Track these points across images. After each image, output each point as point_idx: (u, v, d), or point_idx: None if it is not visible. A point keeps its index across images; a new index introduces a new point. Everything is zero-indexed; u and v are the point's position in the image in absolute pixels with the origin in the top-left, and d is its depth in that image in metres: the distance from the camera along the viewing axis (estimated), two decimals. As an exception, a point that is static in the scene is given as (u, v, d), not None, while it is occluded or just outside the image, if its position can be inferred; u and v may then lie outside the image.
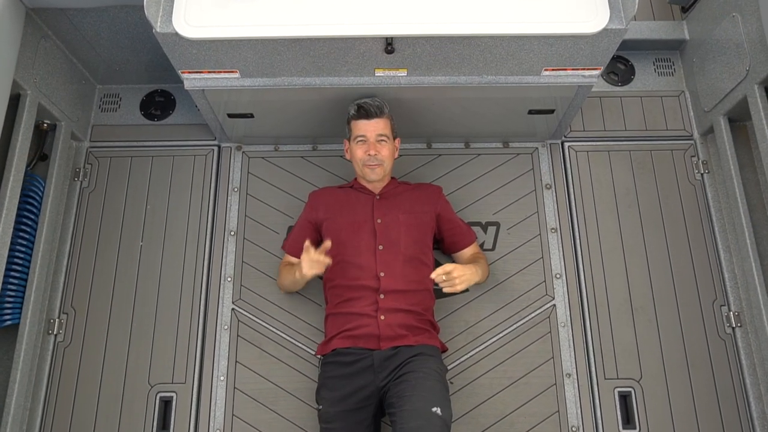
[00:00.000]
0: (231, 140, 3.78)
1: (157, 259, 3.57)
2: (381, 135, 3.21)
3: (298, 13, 2.80)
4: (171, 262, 3.56)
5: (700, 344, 3.40)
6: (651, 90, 3.89)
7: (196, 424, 3.31)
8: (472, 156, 3.77)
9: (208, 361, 3.40)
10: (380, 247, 3.14)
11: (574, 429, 3.27)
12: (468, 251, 3.39)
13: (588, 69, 3.11)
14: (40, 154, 3.57)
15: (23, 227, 3.36)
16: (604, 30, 2.80)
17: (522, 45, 2.95)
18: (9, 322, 3.26)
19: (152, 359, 3.40)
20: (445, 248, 3.45)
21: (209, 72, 3.10)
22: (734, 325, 3.41)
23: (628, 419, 3.30)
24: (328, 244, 2.99)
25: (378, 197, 3.30)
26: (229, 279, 3.53)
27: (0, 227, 3.07)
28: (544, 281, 3.51)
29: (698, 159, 3.72)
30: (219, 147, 3.80)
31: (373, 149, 3.19)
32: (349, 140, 3.30)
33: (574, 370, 3.36)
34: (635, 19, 3.71)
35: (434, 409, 2.73)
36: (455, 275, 2.95)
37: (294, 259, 3.32)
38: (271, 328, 3.44)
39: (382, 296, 3.04)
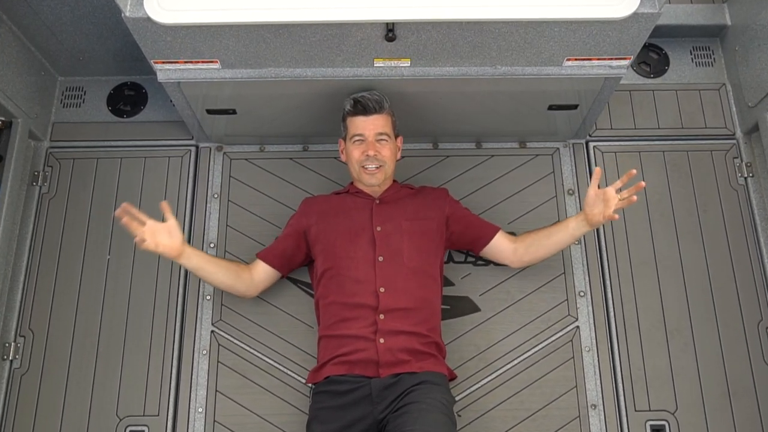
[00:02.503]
0: (210, 140, 3.78)
1: (127, 274, 3.56)
2: (381, 133, 3.21)
3: (286, -5, 2.81)
4: (142, 278, 3.55)
5: (744, 371, 3.40)
6: (688, 83, 3.89)
7: (171, 462, 3.31)
8: (484, 157, 3.77)
9: (185, 390, 3.39)
10: (380, 259, 3.13)
11: (600, 467, 3.27)
12: (501, 239, 3.34)
13: (616, 59, 3.10)
14: (-7, 156, 3.57)
15: (-26, 239, 3.36)
16: (635, 14, 2.80)
17: (541, 32, 2.94)
18: (-42, 347, 3.26)
19: (121, 388, 3.39)
20: (470, 247, 3.44)
21: (186, 62, 3.09)
22: (782, 350, 3.41)
23: (661, 456, 3.30)
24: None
25: (378, 202, 3.30)
26: (208, 297, 3.52)
27: (-52, 239, 3.07)
28: (566, 300, 3.51)
29: (741, 161, 3.72)
30: (197, 147, 3.81)
31: (372, 149, 3.18)
32: (344, 139, 3.30)
33: (601, 401, 3.35)
34: (670, 2, 3.71)
35: (437, 446, 2.72)
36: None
37: (261, 267, 3.31)
38: (255, 353, 3.43)
39: (381, 316, 3.03)
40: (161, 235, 2.99)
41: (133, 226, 2.95)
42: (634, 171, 2.95)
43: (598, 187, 3.02)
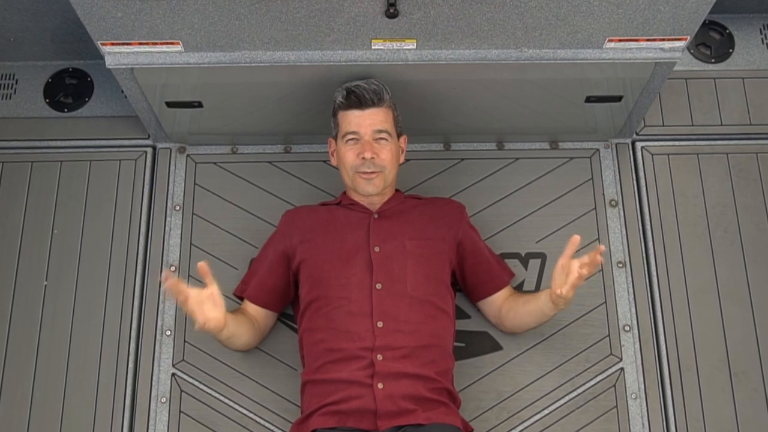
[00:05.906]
0: (171, 139, 3.78)
1: (68, 303, 3.55)
2: (380, 131, 3.20)
3: (263, -39, 2.79)
4: (87, 309, 3.54)
5: (825, 422, 3.38)
6: (757, 69, 3.90)
7: None
8: (507, 161, 3.78)
9: (140, 446, 3.37)
10: (378, 286, 3.12)
11: None
12: (501, 296, 3.36)
13: (669, 39, 3.09)
14: None
15: None
16: (692, -15, 2.79)
17: (577, 6, 2.92)
18: None
19: (61, 444, 3.38)
20: (467, 291, 3.44)
21: (140, 44, 3.09)
22: None
23: None
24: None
25: (376, 216, 3.28)
26: (168, 333, 3.50)
27: None
28: (608, 336, 3.49)
29: (824, 165, 3.71)
30: (154, 148, 3.81)
31: (369, 150, 3.16)
32: (335, 138, 3.29)
33: (651, 459, 3.34)
34: (735, -30, 3.73)
35: None
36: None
37: (261, 311, 3.34)
38: (226, 400, 3.41)
39: (379, 356, 3.01)
40: (207, 307, 2.90)
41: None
42: (603, 247, 2.89)
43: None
